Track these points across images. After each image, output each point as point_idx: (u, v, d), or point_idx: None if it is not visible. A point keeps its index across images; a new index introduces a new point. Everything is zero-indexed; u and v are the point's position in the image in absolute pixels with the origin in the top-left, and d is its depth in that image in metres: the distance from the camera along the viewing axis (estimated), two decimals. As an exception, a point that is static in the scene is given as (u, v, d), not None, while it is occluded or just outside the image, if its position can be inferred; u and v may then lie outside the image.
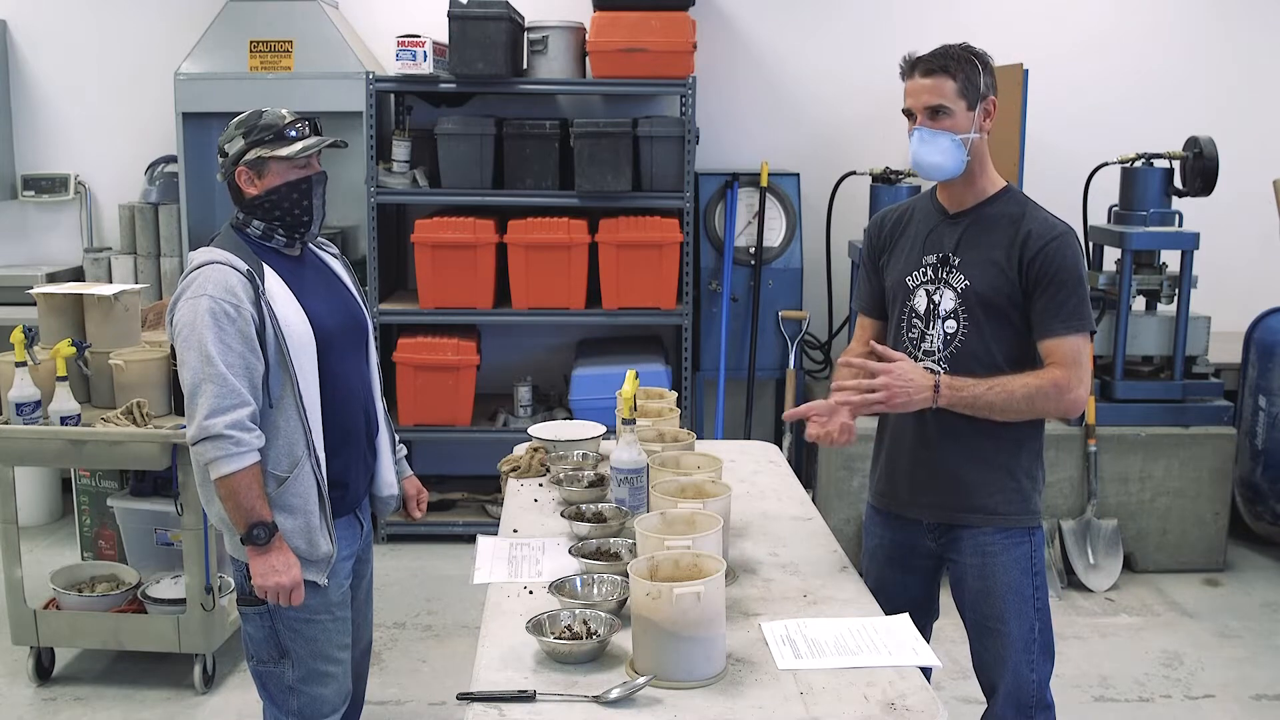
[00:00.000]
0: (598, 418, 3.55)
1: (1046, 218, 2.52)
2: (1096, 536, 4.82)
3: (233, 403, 2.43)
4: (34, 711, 3.72)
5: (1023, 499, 2.58)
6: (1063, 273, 2.45)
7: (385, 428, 2.84)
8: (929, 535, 2.65)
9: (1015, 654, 2.57)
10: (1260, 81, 5.70)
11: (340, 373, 2.64)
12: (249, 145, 2.58)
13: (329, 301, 2.68)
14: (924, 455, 2.61)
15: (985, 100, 2.50)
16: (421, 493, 3.03)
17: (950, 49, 2.49)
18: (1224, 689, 3.95)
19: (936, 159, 2.49)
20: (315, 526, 2.55)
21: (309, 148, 2.59)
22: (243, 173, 2.59)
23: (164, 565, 4.07)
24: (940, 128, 2.47)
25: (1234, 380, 5.14)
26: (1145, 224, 4.86)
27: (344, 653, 2.70)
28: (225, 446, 2.42)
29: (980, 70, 2.49)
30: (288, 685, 2.64)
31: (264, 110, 2.63)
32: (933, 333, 2.56)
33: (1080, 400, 2.46)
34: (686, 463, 2.73)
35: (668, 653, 1.97)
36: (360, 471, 2.74)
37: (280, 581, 2.50)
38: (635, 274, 5.04)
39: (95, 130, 5.68)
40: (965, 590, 2.62)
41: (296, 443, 2.53)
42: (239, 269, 2.50)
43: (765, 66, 5.67)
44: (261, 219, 2.61)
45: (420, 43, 4.91)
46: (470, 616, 4.38)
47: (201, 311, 2.44)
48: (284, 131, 2.58)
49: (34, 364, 3.65)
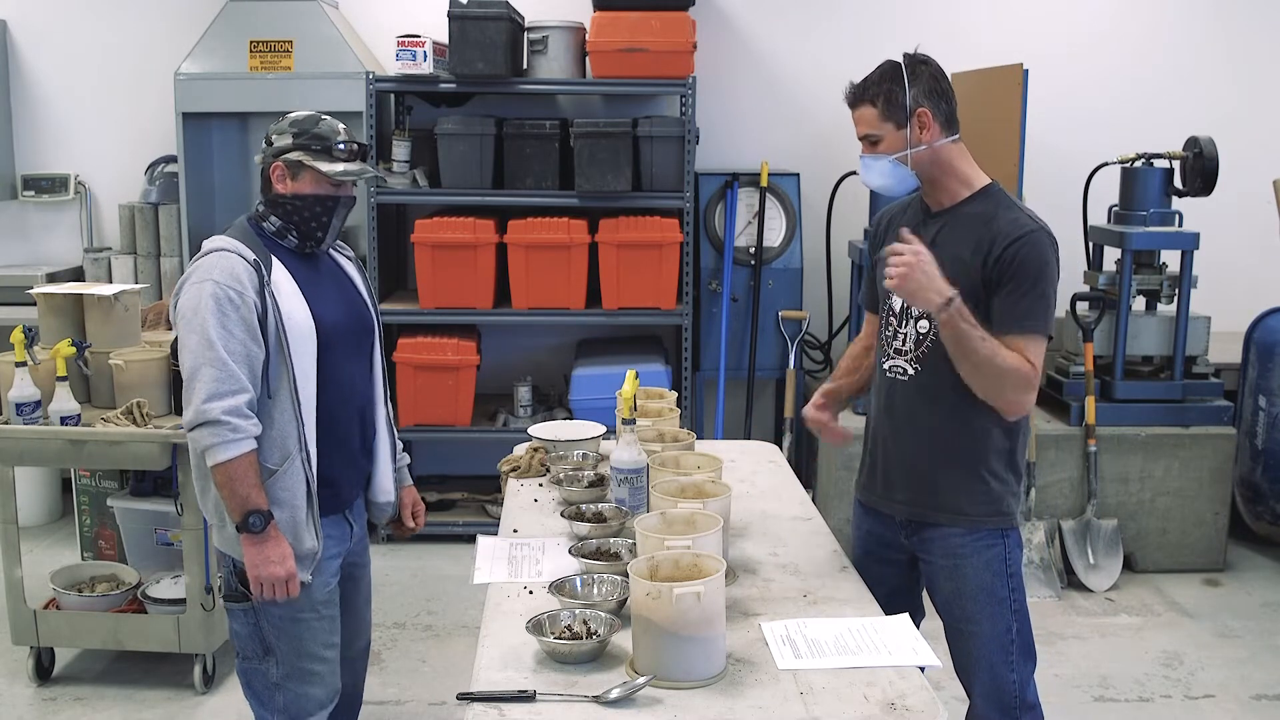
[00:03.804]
0: (598, 418, 3.55)
1: (1017, 217, 2.48)
2: (1096, 536, 4.83)
3: (231, 388, 2.41)
4: (34, 711, 3.72)
5: (992, 500, 2.56)
6: (1022, 272, 2.42)
7: (386, 434, 2.82)
8: (901, 532, 2.67)
9: (990, 654, 2.57)
10: (1260, 81, 5.70)
11: (339, 373, 2.63)
12: (294, 145, 2.58)
13: (336, 301, 2.67)
14: (895, 451, 2.63)
15: (915, 114, 2.49)
16: (418, 504, 3.00)
17: (871, 75, 2.55)
18: (1224, 689, 3.95)
19: (879, 181, 2.58)
20: (301, 521, 2.53)
21: (349, 174, 2.59)
22: (278, 168, 2.59)
23: (164, 565, 4.07)
24: (876, 153, 2.54)
25: (1234, 380, 5.14)
26: (1145, 224, 4.86)
27: (330, 651, 2.69)
28: (222, 432, 2.40)
29: (903, 87, 2.49)
30: (273, 682, 2.63)
31: (323, 118, 2.63)
32: (905, 331, 2.57)
33: (1028, 403, 2.45)
34: (686, 463, 2.73)
35: (668, 653, 1.97)
36: (351, 474, 2.71)
37: (275, 572, 2.48)
38: (635, 274, 5.04)
39: (95, 130, 5.68)
40: (938, 592, 2.64)
41: (289, 436, 2.52)
42: (246, 257, 2.50)
43: (765, 66, 5.67)
44: (280, 217, 2.61)
45: (420, 43, 4.91)
46: (470, 616, 4.38)
47: (205, 296, 2.44)
48: (332, 146, 2.59)
49: (34, 364, 3.65)
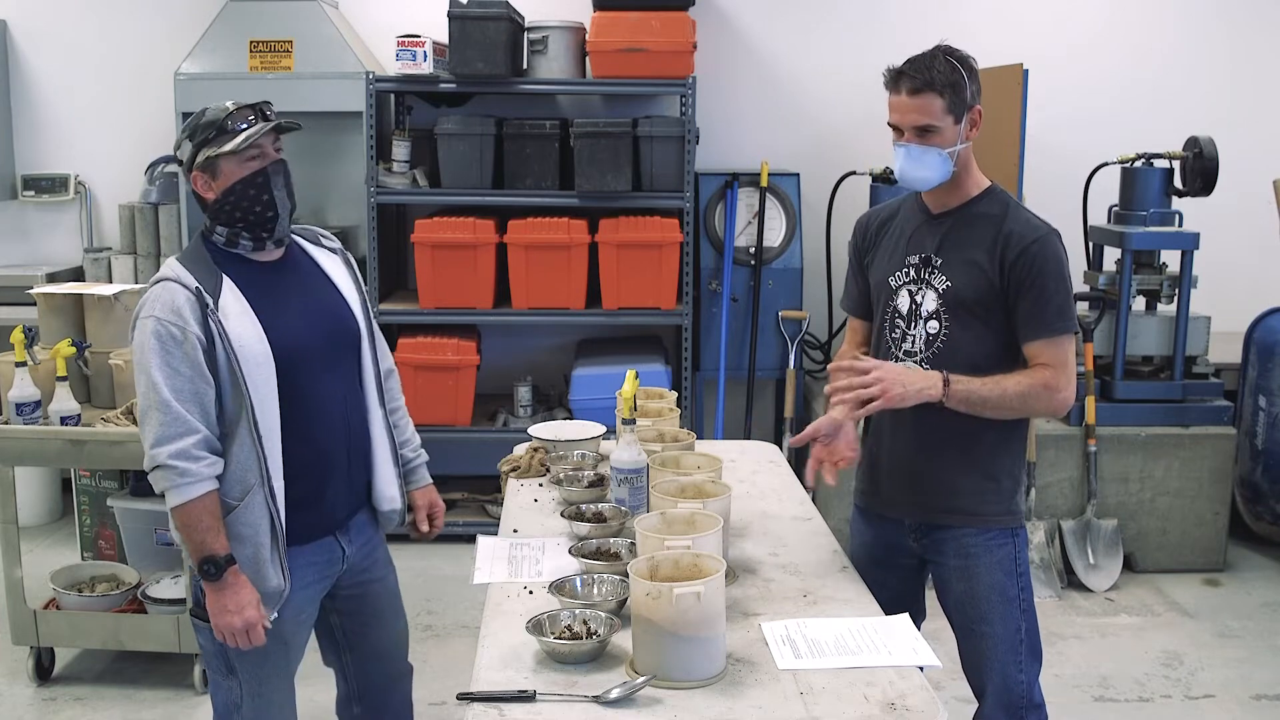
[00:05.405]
0: (598, 418, 3.55)
1: (1029, 219, 2.50)
2: (1096, 536, 4.82)
3: (177, 431, 2.29)
4: (34, 711, 3.72)
5: (1004, 499, 2.56)
6: (1045, 275, 2.43)
7: (385, 439, 2.65)
8: (910, 535, 2.65)
9: (1002, 655, 2.56)
10: (1260, 81, 5.70)
11: (311, 391, 2.46)
12: (196, 147, 2.40)
13: (304, 314, 2.49)
14: (905, 455, 2.60)
15: (971, 110, 2.47)
16: (435, 506, 2.82)
17: (934, 62, 2.42)
18: (1224, 689, 3.95)
19: (924, 174, 2.48)
20: (265, 559, 2.39)
21: (251, 136, 2.38)
22: (198, 177, 2.42)
23: (164, 565, 4.06)
24: (928, 144, 2.44)
25: (1234, 380, 5.13)
26: (1145, 224, 4.85)
27: (291, 683, 2.58)
28: (170, 477, 2.30)
29: (966, 81, 2.44)
30: (234, 701, 2.53)
31: (208, 107, 2.44)
32: (914, 333, 2.56)
33: (1069, 400, 2.48)
34: (686, 463, 2.73)
35: (668, 653, 1.97)
36: (340, 491, 2.55)
37: (232, 623, 2.35)
38: (635, 274, 5.04)
39: (95, 130, 5.68)
40: (949, 593, 2.62)
41: (249, 470, 2.37)
42: (188, 285, 2.34)
43: (765, 66, 5.67)
44: (224, 224, 2.43)
45: (420, 43, 4.91)
46: (470, 616, 4.38)
47: (147, 334, 2.31)
48: (225, 124, 2.38)
49: (34, 364, 3.65)
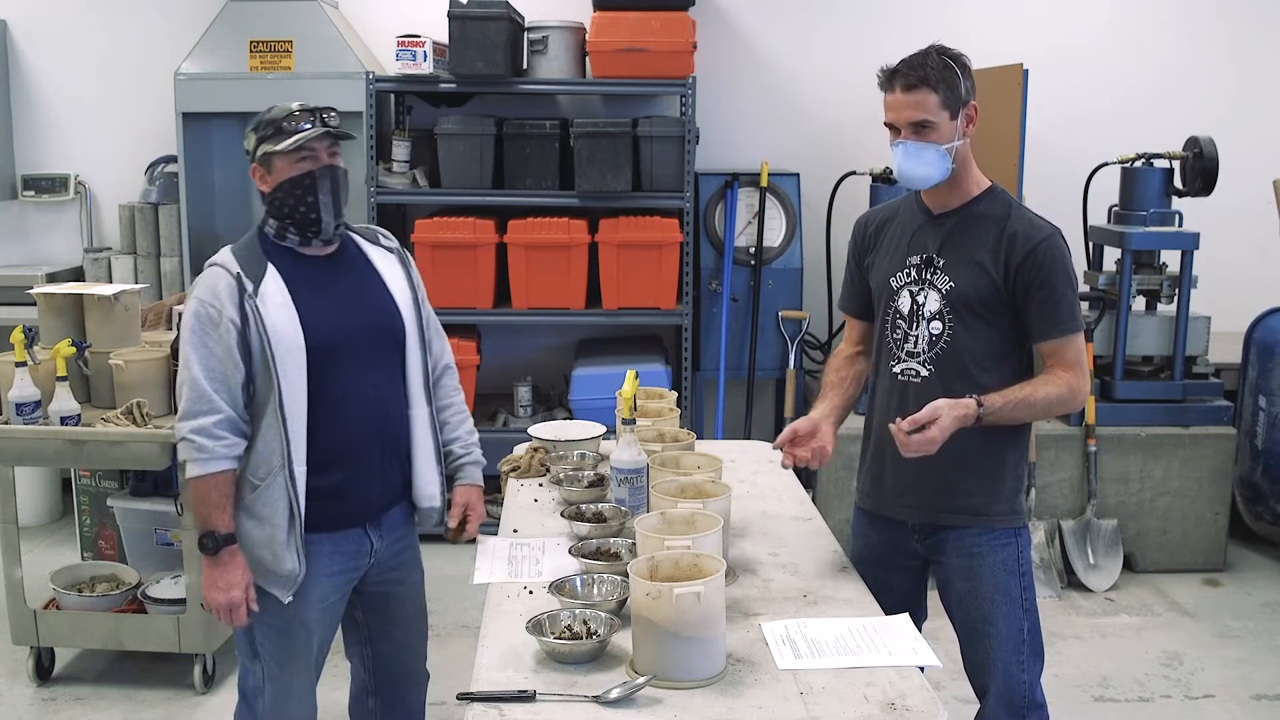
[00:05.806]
0: (598, 418, 3.55)
1: (1032, 219, 2.51)
2: (1096, 536, 4.82)
3: (201, 408, 2.42)
4: (34, 711, 3.72)
5: (1008, 499, 2.57)
6: (1054, 275, 2.44)
7: (429, 437, 2.68)
8: (914, 536, 2.65)
9: (1005, 655, 2.56)
10: (1260, 81, 5.70)
11: (344, 383, 2.52)
12: (257, 142, 2.52)
13: (345, 308, 2.56)
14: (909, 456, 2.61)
15: (966, 106, 2.47)
16: (470, 507, 2.77)
17: (928, 59, 2.44)
18: (1224, 689, 3.95)
19: (923, 171, 2.48)
20: (281, 541, 2.47)
21: (299, 141, 2.47)
22: (256, 170, 2.55)
23: (164, 565, 4.06)
24: (925, 140, 2.44)
25: (1234, 380, 5.13)
26: (1145, 224, 4.85)
27: (313, 672, 2.66)
28: (189, 451, 2.43)
29: (960, 77, 2.45)
30: (257, 686, 2.64)
31: (274, 106, 2.55)
32: (917, 333, 2.55)
33: (1083, 396, 2.51)
34: (686, 463, 2.73)
35: (668, 653, 1.97)
36: (371, 484, 2.60)
37: (217, 599, 2.48)
38: (635, 274, 5.04)
39: (95, 130, 5.68)
40: (952, 592, 2.62)
41: (274, 452, 2.45)
42: (230, 270, 2.47)
43: (765, 66, 5.67)
44: (275, 217, 2.54)
45: (420, 43, 4.91)
46: (470, 616, 4.38)
47: (190, 314, 2.46)
48: (283, 125, 2.49)
49: (34, 364, 3.65)
